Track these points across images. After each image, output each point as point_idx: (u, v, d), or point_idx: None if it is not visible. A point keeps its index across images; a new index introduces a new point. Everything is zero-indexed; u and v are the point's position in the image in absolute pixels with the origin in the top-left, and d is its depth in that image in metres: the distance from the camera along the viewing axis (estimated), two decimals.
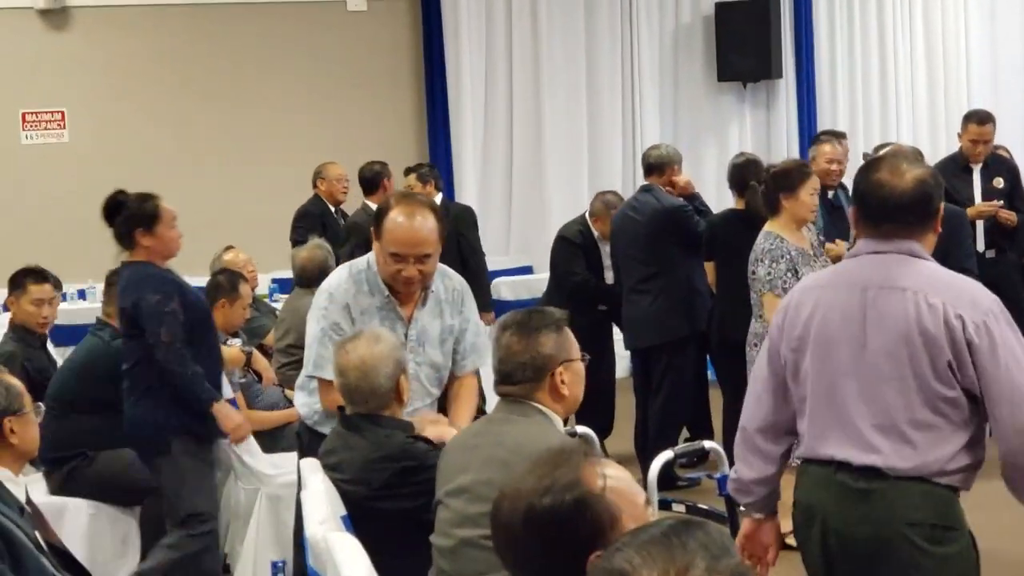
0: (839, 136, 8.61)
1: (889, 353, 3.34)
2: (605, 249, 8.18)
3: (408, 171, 9.29)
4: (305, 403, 4.71)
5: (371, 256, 4.55)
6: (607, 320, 8.06)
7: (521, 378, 3.59)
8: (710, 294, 7.48)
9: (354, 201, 9.25)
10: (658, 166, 7.74)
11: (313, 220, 8.95)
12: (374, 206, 8.57)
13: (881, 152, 5.23)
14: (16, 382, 4.14)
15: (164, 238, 5.55)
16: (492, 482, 3.37)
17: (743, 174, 7.26)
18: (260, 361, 6.55)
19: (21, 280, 6.65)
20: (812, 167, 6.92)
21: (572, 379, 3.66)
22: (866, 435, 3.34)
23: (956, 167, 8.35)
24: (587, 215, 8.33)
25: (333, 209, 9.28)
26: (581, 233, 8.22)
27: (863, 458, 3.34)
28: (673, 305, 7.51)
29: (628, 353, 8.39)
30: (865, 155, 7.40)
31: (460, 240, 8.70)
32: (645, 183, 7.81)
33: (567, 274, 8.16)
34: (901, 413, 3.32)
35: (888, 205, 3.43)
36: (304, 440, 4.73)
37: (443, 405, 4.73)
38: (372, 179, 8.99)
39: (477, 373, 4.78)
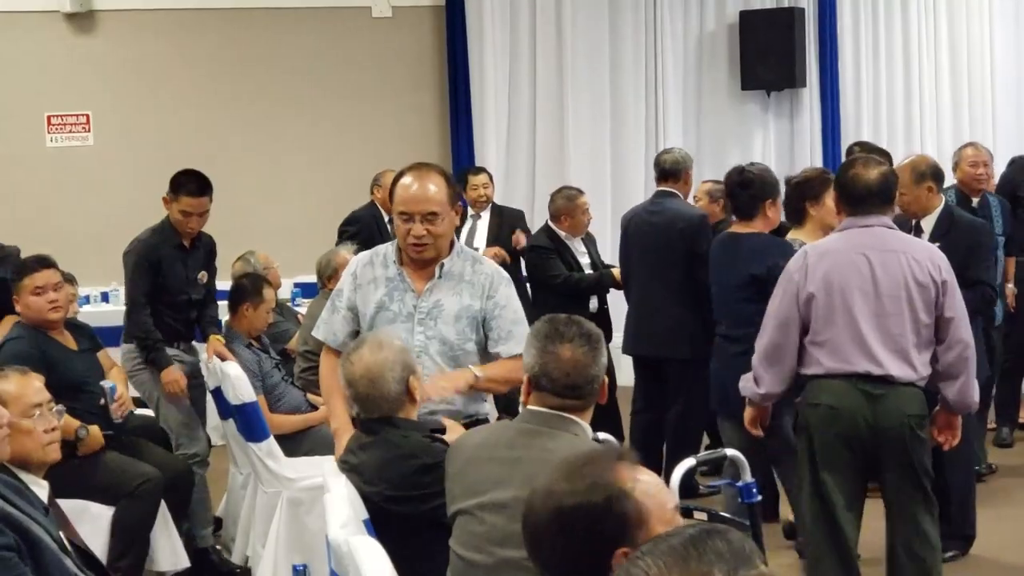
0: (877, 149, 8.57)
1: (892, 296, 4.80)
2: (576, 247, 8.25)
3: (479, 171, 9.35)
4: None
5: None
6: (600, 322, 7.98)
7: (588, 392, 3.54)
8: None
9: None
10: (674, 171, 7.72)
11: (360, 225, 8.79)
12: None
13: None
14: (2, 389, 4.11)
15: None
16: None
17: None
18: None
19: None
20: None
21: None
22: (878, 355, 4.78)
23: None
24: (549, 220, 8.36)
25: (387, 217, 9.18)
26: (549, 238, 8.28)
27: (878, 371, 4.78)
28: (708, 318, 7.51)
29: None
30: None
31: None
32: (663, 188, 7.76)
33: (549, 279, 8.17)
34: (900, 338, 4.80)
35: (863, 192, 4.91)
36: None
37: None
38: None
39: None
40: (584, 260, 8.31)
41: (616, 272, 8.10)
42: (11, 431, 3.84)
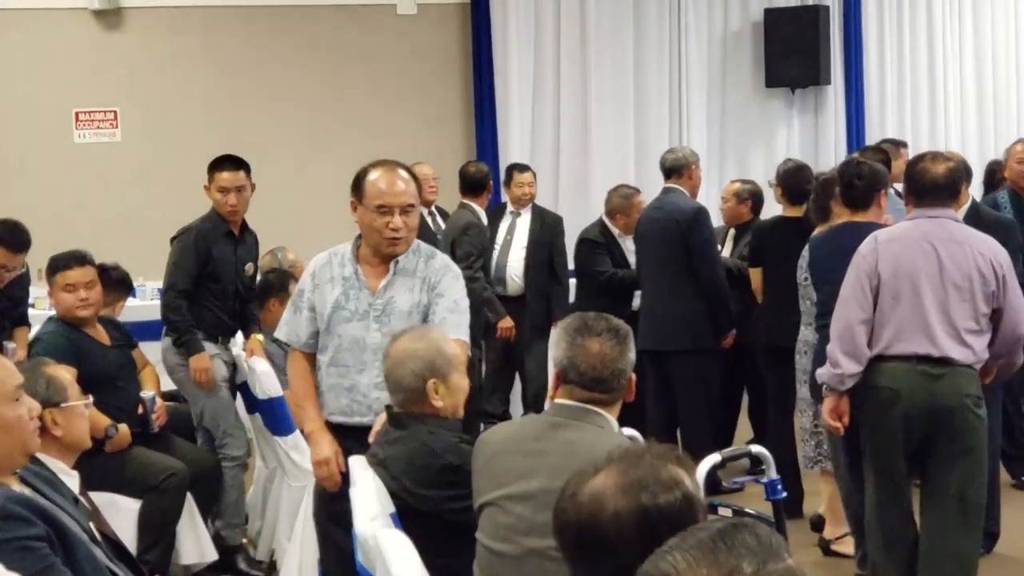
0: (900, 144, 8.53)
1: (957, 285, 5.04)
2: (627, 245, 8.25)
3: (525, 168, 9.32)
4: None
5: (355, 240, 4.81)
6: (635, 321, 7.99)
7: (616, 385, 3.57)
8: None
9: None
10: (676, 168, 7.76)
11: None
12: (475, 206, 8.56)
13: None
14: (60, 375, 4.17)
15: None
16: None
17: (798, 180, 7.17)
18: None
19: None
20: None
21: None
22: (939, 338, 5.02)
23: None
24: (604, 215, 8.39)
25: (425, 211, 9.02)
26: (601, 233, 8.30)
27: (938, 353, 5.02)
28: (713, 311, 7.51)
29: None
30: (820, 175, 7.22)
31: (552, 248, 8.78)
32: (668, 185, 7.80)
33: (594, 274, 8.20)
34: (960, 323, 5.03)
35: (930, 185, 5.17)
36: None
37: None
38: (480, 180, 8.90)
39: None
40: (633, 259, 8.32)
41: None
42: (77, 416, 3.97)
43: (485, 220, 8.68)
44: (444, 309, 4.64)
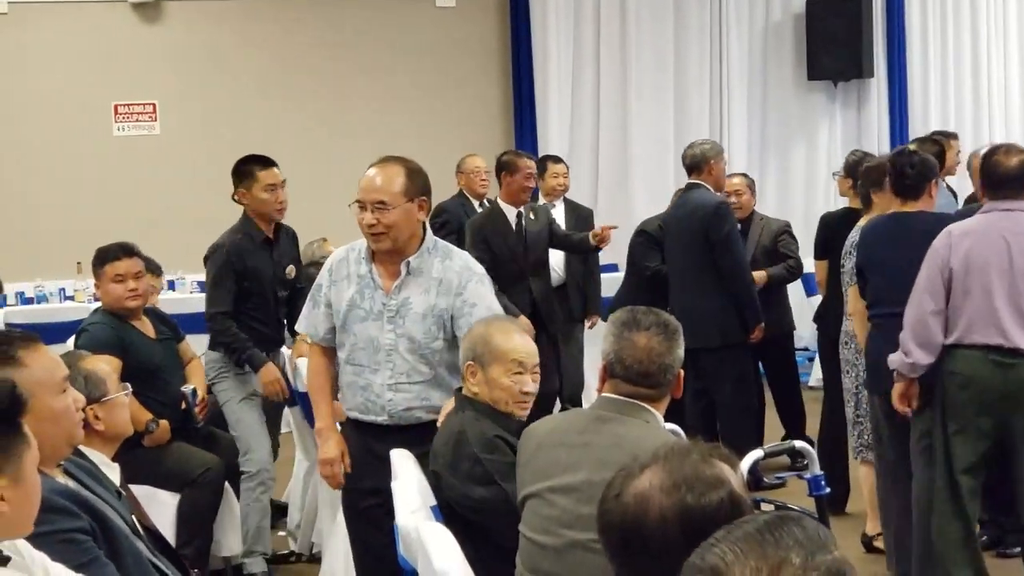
0: (950, 136, 8.46)
1: None
2: None
3: (559, 160, 9.23)
4: None
5: None
6: None
7: (662, 380, 3.56)
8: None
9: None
10: (695, 165, 7.70)
11: (448, 215, 8.50)
12: (505, 204, 8.47)
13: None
14: (98, 367, 4.18)
15: None
16: None
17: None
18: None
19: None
20: None
21: None
22: (1009, 330, 5.12)
23: None
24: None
25: (476, 203, 8.87)
26: (661, 228, 8.25)
27: (1009, 344, 5.12)
28: (741, 305, 7.47)
29: None
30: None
31: None
32: (691, 181, 7.75)
33: (643, 268, 8.16)
34: None
35: (1003, 177, 5.23)
36: None
37: None
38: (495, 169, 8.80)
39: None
40: None
41: None
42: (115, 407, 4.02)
43: (512, 219, 8.37)
44: (479, 318, 4.49)
